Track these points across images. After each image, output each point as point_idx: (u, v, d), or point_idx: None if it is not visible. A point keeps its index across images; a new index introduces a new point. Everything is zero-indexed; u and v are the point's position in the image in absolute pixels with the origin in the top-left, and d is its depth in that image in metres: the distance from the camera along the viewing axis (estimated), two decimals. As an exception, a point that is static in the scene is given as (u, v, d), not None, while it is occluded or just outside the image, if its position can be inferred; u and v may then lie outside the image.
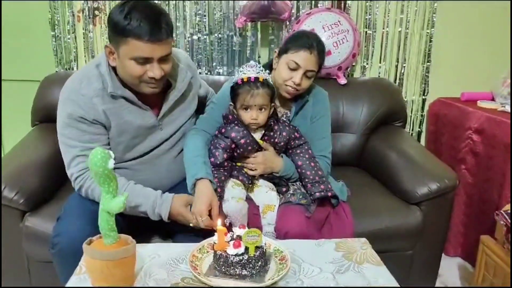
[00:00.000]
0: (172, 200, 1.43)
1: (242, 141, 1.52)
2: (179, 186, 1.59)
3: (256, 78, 1.49)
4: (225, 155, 1.52)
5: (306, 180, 1.57)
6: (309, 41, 1.54)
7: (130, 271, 1.13)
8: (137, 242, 1.14)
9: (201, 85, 1.77)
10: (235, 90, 1.53)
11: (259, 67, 1.53)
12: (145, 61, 1.36)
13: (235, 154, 1.55)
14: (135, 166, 1.54)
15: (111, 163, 1.02)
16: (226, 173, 1.52)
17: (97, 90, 1.42)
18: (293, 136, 1.61)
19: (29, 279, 1.69)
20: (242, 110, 1.52)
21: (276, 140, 1.59)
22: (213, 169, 1.50)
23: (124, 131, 1.48)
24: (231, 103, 1.56)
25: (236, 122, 1.54)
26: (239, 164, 1.58)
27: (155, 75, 1.38)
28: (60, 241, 1.33)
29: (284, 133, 1.59)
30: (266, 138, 1.57)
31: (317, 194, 1.54)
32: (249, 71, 1.51)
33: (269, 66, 1.65)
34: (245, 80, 1.49)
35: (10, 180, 1.58)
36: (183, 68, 1.57)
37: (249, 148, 1.54)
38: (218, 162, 1.52)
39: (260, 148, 1.57)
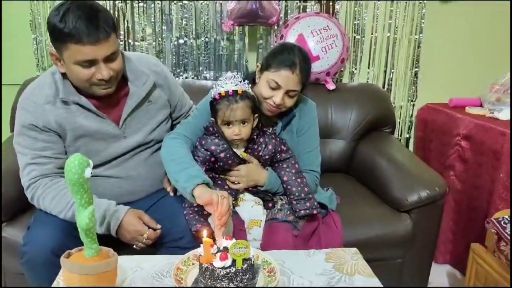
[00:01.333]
0: (127, 210, 1.38)
1: (222, 155, 1.46)
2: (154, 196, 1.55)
3: (235, 91, 1.41)
4: (203, 168, 1.44)
5: (292, 196, 1.51)
6: (291, 59, 1.45)
7: (111, 286, 1.07)
8: (118, 254, 1.09)
9: (177, 95, 1.68)
10: (214, 106, 1.45)
11: (237, 78, 1.45)
12: (90, 63, 1.31)
13: (216, 166, 1.50)
14: (102, 172, 1.48)
15: (88, 172, 0.97)
16: None
17: (49, 96, 1.39)
18: (279, 149, 1.54)
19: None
20: (224, 126, 1.45)
21: (260, 153, 1.52)
22: None
23: (81, 136, 1.43)
24: (212, 118, 1.49)
25: (216, 134, 1.47)
26: (222, 176, 1.53)
27: (103, 76, 1.33)
28: (29, 250, 1.29)
29: (270, 146, 1.52)
30: (249, 151, 1.51)
31: (302, 212, 1.49)
32: (227, 84, 1.43)
33: (253, 80, 1.56)
34: (223, 94, 1.42)
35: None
36: (144, 73, 1.51)
37: (229, 162, 1.49)
38: None
39: (242, 161, 1.51)
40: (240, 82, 1.45)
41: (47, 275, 1.21)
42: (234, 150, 1.48)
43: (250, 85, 1.48)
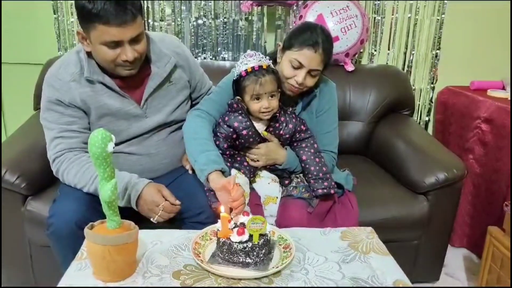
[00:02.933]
0: (147, 183, 1.41)
1: (244, 132, 1.48)
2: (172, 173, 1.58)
3: (260, 67, 1.43)
4: (225, 145, 1.49)
5: (310, 175, 1.53)
6: (314, 38, 1.45)
7: (132, 257, 1.11)
8: (139, 228, 1.12)
9: (198, 75, 1.69)
10: (240, 83, 1.46)
11: (259, 55, 1.47)
12: (116, 44, 1.33)
13: (237, 143, 1.52)
14: (123, 149, 1.52)
15: (110, 146, 1.00)
16: (228, 163, 1.48)
17: (74, 74, 1.42)
18: (299, 128, 1.55)
19: (31, 264, 1.68)
20: (253, 101, 1.45)
21: (281, 132, 1.54)
22: None
23: (104, 115, 1.46)
24: (237, 97, 1.49)
25: (240, 111, 1.48)
26: (242, 153, 1.54)
27: (128, 58, 1.36)
28: (55, 222, 1.33)
29: (290, 125, 1.54)
30: (271, 129, 1.53)
31: (320, 191, 1.50)
32: (250, 60, 1.44)
33: (273, 59, 1.56)
34: (249, 70, 1.43)
35: (11, 164, 1.57)
36: (166, 54, 1.52)
37: (251, 140, 1.50)
38: (220, 151, 1.48)
39: (263, 140, 1.53)
40: (263, 58, 1.46)
41: (71, 246, 1.25)
42: (256, 128, 1.50)
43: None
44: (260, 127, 1.52)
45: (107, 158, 1.01)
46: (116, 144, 1.45)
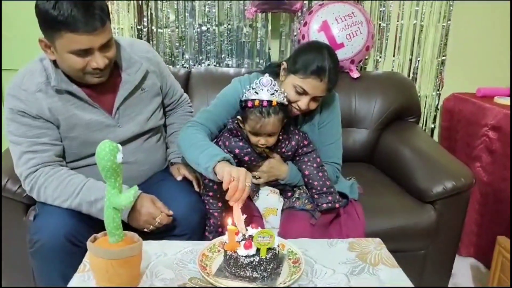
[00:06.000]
0: (139, 195, 1.34)
1: (246, 158, 1.45)
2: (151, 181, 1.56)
3: (269, 103, 1.35)
4: None
5: (313, 190, 1.50)
6: (321, 67, 1.38)
7: (136, 271, 1.08)
8: (142, 239, 1.10)
9: (169, 81, 1.66)
10: (244, 110, 1.40)
11: (274, 86, 1.37)
12: (85, 52, 1.26)
13: (239, 165, 1.48)
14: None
15: (119, 157, 0.98)
16: None
17: (40, 84, 1.33)
18: (301, 144, 1.52)
19: (32, 273, 1.65)
20: (251, 134, 1.41)
21: (283, 149, 1.50)
22: None
23: (75, 126, 1.39)
24: (239, 117, 1.43)
25: (240, 138, 1.45)
26: None
27: (99, 65, 1.29)
28: (41, 237, 1.25)
29: (293, 143, 1.50)
30: (272, 147, 1.49)
31: (324, 205, 1.47)
32: (262, 90, 1.36)
33: (275, 72, 1.51)
34: (256, 104, 1.35)
35: (13, 172, 1.54)
36: (136, 60, 1.47)
37: (254, 163, 1.48)
38: None
39: (265, 157, 1.49)
40: (276, 91, 1.37)
41: (58, 263, 1.21)
42: (258, 151, 1.46)
43: (279, 89, 1.41)
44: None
45: (117, 169, 0.99)
46: (89, 156, 1.42)
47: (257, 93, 1.37)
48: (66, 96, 1.37)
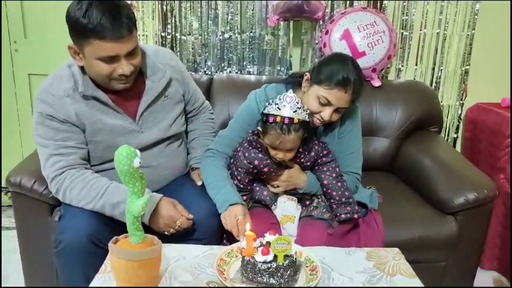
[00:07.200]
0: (161, 197, 1.38)
1: (266, 169, 1.46)
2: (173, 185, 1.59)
3: (291, 120, 1.34)
4: (246, 180, 1.49)
5: (332, 200, 1.50)
6: (346, 79, 1.38)
7: (155, 272, 1.11)
8: (162, 242, 1.12)
9: (191, 88, 1.70)
10: (265, 124, 1.40)
11: (298, 102, 1.36)
12: (112, 59, 1.31)
13: (258, 175, 1.51)
14: None
15: (136, 162, 1.00)
16: (248, 194, 1.51)
17: (68, 89, 1.38)
18: (321, 154, 1.52)
19: (55, 272, 1.70)
20: (270, 148, 1.42)
21: (302, 160, 1.51)
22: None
23: (100, 130, 1.43)
24: (259, 128, 1.44)
25: (260, 149, 1.45)
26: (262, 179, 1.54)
27: (125, 72, 1.33)
28: (66, 237, 1.29)
29: (312, 153, 1.50)
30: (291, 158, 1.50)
31: (343, 216, 1.47)
32: (285, 106, 1.35)
33: (298, 82, 1.53)
34: (278, 121, 1.35)
35: (40, 174, 1.59)
36: (160, 68, 1.51)
37: (273, 174, 1.49)
38: (241, 186, 1.49)
39: (284, 167, 1.50)
40: (300, 108, 1.37)
41: (81, 264, 1.24)
42: (276, 161, 1.47)
43: (296, 96, 1.40)
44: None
45: (135, 174, 1.02)
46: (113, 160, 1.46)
47: (279, 109, 1.36)
48: (92, 102, 1.41)
